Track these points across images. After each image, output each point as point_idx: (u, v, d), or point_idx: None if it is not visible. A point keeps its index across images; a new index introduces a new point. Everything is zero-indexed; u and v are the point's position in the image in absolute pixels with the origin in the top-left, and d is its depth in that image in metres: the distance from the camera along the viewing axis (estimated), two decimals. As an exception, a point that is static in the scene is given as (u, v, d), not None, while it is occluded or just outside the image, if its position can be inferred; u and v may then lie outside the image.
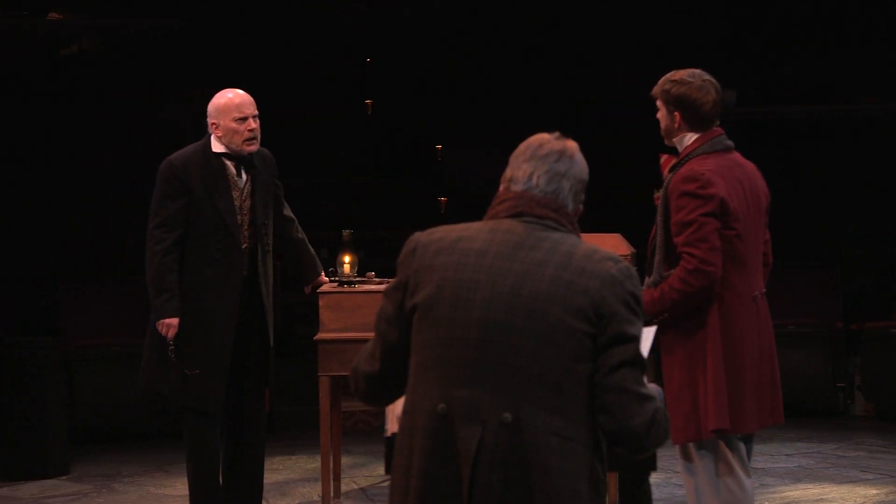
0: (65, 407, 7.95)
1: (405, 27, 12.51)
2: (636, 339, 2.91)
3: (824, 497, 6.82)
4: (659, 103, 4.68)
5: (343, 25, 12.42)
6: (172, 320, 5.71)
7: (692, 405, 4.50)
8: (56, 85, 9.95)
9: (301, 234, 6.23)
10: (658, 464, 5.41)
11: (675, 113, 4.63)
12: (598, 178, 3.33)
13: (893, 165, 10.49)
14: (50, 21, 10.08)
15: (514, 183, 3.04)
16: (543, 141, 3.06)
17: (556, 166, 3.03)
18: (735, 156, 4.67)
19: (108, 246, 9.65)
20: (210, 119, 5.87)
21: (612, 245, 6.03)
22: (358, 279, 6.37)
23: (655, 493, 5.85)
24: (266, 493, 6.37)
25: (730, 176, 4.55)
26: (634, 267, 3.02)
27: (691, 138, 4.63)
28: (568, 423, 2.87)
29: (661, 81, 4.67)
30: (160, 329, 5.73)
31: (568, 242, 2.96)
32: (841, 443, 8.40)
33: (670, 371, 4.58)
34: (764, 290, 4.69)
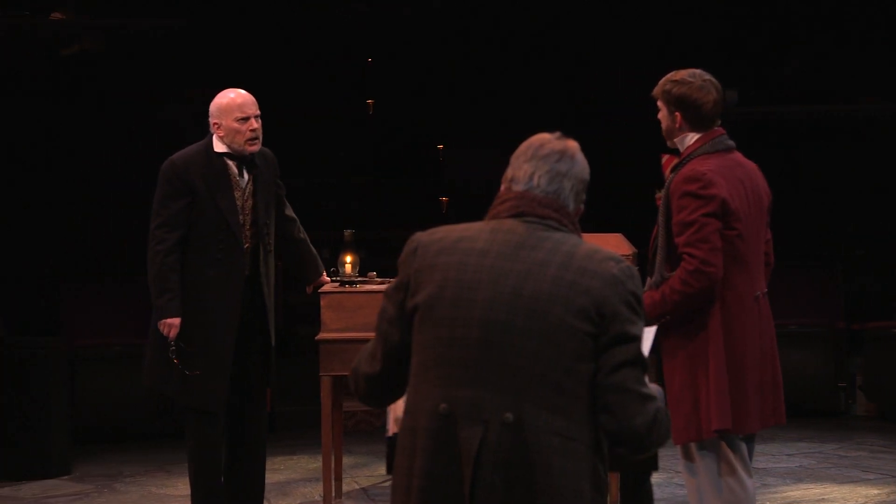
0: (66, 407, 7.94)
1: (405, 27, 12.50)
2: (638, 339, 2.91)
3: (826, 497, 6.82)
4: (660, 103, 4.68)
5: (343, 25, 12.40)
6: (174, 320, 5.71)
7: (693, 405, 4.50)
8: (56, 85, 9.94)
9: (303, 234, 6.24)
10: (659, 464, 5.40)
11: (676, 113, 4.62)
12: (599, 178, 3.33)
13: (894, 165, 10.49)
14: (50, 21, 10.06)
15: (516, 183, 3.04)
16: (544, 141, 3.06)
17: (557, 166, 3.03)
18: (736, 156, 4.67)
19: (109, 246, 9.65)
20: (212, 119, 5.87)
21: (614, 245, 6.02)
22: (359, 279, 6.38)
23: (657, 493, 5.84)
24: (267, 493, 6.37)
25: (731, 176, 4.55)
26: (636, 267, 3.02)
27: (692, 138, 4.63)
28: (570, 423, 2.87)
29: (661, 81, 4.67)
30: (162, 329, 5.73)
31: (569, 242, 2.96)
32: (842, 443, 8.40)
33: (672, 371, 4.57)
34: (765, 290, 4.68)
